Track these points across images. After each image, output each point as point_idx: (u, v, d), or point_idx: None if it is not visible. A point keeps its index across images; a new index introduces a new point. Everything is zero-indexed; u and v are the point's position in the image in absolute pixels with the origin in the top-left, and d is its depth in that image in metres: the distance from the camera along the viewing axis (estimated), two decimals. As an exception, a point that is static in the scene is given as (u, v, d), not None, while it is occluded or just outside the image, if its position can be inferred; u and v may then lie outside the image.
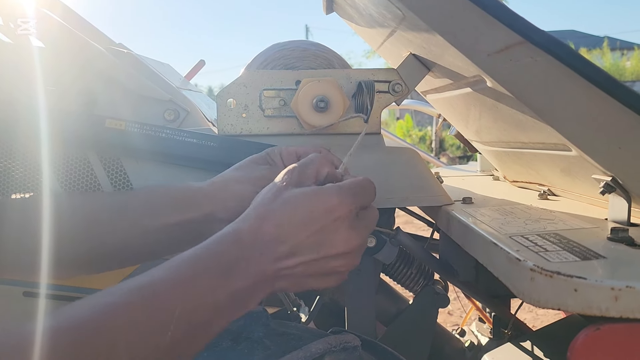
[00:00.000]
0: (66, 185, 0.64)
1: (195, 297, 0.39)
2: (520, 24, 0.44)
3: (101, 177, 0.64)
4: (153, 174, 0.64)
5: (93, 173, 0.64)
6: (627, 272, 0.41)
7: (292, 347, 0.52)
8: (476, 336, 0.96)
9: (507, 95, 0.55)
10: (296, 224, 0.43)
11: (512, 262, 0.45)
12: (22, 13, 0.65)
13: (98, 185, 0.64)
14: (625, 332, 0.40)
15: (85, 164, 0.64)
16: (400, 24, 0.62)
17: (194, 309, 0.39)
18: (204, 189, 0.57)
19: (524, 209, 0.65)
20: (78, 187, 0.64)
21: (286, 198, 0.44)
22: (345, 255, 0.45)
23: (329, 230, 0.44)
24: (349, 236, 0.44)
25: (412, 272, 0.79)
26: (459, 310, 2.02)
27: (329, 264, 0.45)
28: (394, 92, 0.67)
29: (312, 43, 0.74)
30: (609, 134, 0.49)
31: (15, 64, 0.64)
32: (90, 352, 0.34)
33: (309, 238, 0.43)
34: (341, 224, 0.44)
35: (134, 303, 0.37)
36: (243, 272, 0.41)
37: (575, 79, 0.43)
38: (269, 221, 0.43)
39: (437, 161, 1.74)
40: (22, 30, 0.65)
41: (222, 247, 0.42)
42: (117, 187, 0.64)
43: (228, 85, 0.67)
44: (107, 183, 0.64)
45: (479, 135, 0.83)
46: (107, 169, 0.64)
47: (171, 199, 0.56)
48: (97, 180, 0.64)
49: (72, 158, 0.64)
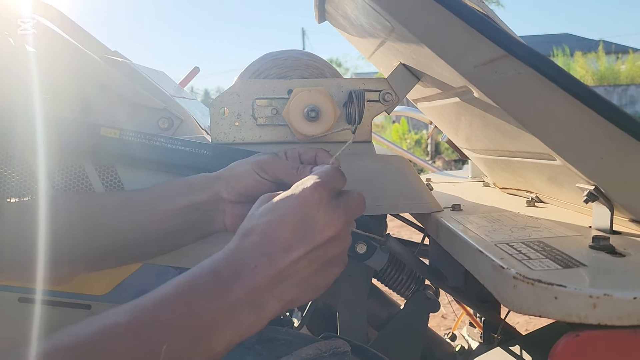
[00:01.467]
0: (61, 191, 0.65)
1: (194, 314, 0.40)
2: (504, 38, 0.45)
3: (96, 184, 0.65)
4: (147, 182, 0.65)
5: (88, 180, 0.65)
6: (606, 280, 0.42)
7: (282, 353, 0.53)
8: (467, 340, 0.97)
9: (494, 105, 0.57)
10: (276, 224, 0.45)
11: (497, 269, 0.46)
12: (17, 19, 0.66)
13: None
14: (604, 338, 0.41)
15: (80, 171, 0.65)
16: (389, 35, 0.63)
17: (193, 325, 0.40)
18: (216, 173, 0.61)
19: (511, 217, 0.66)
20: (73, 195, 0.65)
21: (265, 206, 0.47)
22: (336, 238, 0.46)
23: (309, 218, 0.45)
24: (331, 217, 0.46)
25: (403, 278, 0.80)
26: (453, 314, 2.03)
27: (325, 252, 0.46)
28: (384, 101, 0.69)
29: (304, 53, 0.75)
30: (591, 145, 0.50)
31: (9, 69, 0.65)
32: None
33: (294, 233, 0.44)
34: (318, 210, 0.45)
35: (135, 322, 0.38)
36: (239, 287, 0.42)
37: (557, 92, 0.45)
38: (253, 233, 0.45)
39: (431, 166, 1.75)
40: (21, 31, 0.66)
41: (215, 265, 0.43)
42: (111, 194, 0.65)
43: (221, 94, 0.68)
44: (101, 190, 0.65)
45: (469, 143, 0.84)
46: (102, 176, 0.65)
47: (188, 184, 0.60)
48: (92, 188, 0.65)
49: (67, 165, 0.65)
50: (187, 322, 0.40)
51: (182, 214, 0.58)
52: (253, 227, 0.45)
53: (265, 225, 0.45)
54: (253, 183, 0.58)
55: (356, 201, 0.50)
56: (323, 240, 0.45)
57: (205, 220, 0.60)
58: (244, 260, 0.43)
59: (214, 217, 0.60)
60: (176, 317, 0.39)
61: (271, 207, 0.46)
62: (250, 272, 0.43)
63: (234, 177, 0.59)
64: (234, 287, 0.42)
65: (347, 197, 0.49)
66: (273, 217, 0.45)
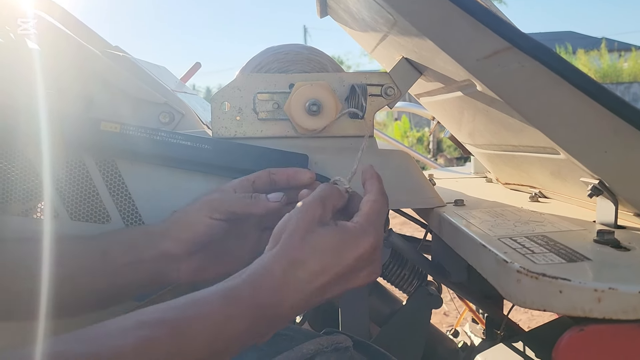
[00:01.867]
0: (62, 187, 0.65)
1: (224, 331, 0.40)
2: (507, 29, 0.45)
3: (96, 179, 0.65)
4: (148, 177, 0.65)
5: (89, 175, 0.65)
6: (611, 274, 0.41)
7: (283, 348, 0.52)
8: (469, 337, 0.96)
9: (497, 99, 0.56)
10: (324, 269, 0.45)
11: (500, 264, 0.46)
12: (20, 15, 0.66)
13: (94, 187, 0.65)
14: (609, 333, 0.41)
15: (80, 166, 0.65)
16: (392, 28, 0.62)
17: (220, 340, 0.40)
18: (160, 227, 0.58)
19: (515, 211, 0.66)
20: (74, 189, 0.65)
21: (315, 244, 0.45)
22: (363, 259, 0.47)
23: (355, 269, 0.46)
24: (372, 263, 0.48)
25: (405, 273, 0.80)
26: (455, 311, 2.03)
27: (352, 274, 0.47)
28: (386, 95, 0.68)
29: (306, 47, 0.75)
30: (595, 138, 0.50)
31: (13, 66, 0.65)
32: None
33: (335, 277, 0.45)
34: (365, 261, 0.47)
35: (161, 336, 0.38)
36: (266, 325, 0.43)
37: (561, 84, 0.44)
38: (302, 268, 0.44)
39: (432, 163, 1.75)
40: (21, 30, 0.65)
41: (256, 286, 0.43)
42: (112, 189, 0.65)
43: (222, 89, 0.67)
44: (102, 185, 0.65)
45: (472, 138, 0.84)
46: (102, 171, 0.65)
47: (130, 241, 0.57)
48: (92, 183, 0.65)
49: (68, 160, 0.65)
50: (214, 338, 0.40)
51: (125, 272, 0.55)
52: (300, 260, 0.44)
53: (314, 267, 0.44)
54: (205, 229, 0.56)
55: (375, 209, 0.49)
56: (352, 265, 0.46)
57: (156, 278, 0.57)
58: (284, 294, 0.43)
59: (165, 273, 0.57)
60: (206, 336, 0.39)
61: (323, 247, 0.45)
62: (287, 310, 0.44)
63: (183, 228, 0.56)
64: (264, 320, 0.43)
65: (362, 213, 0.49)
66: (324, 262, 0.45)
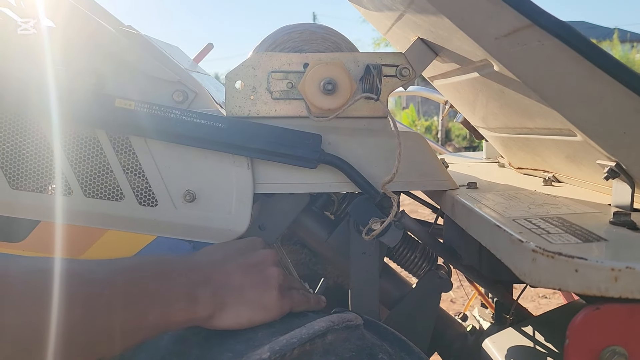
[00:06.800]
0: (76, 163, 0.65)
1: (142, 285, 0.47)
2: (528, 6, 0.44)
3: (110, 156, 0.65)
4: (162, 154, 0.65)
5: (102, 152, 0.65)
6: (628, 253, 0.41)
7: (295, 325, 0.53)
8: (478, 321, 0.97)
9: (514, 80, 0.55)
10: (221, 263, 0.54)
11: (515, 243, 0.45)
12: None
13: (107, 164, 0.65)
14: (624, 311, 0.41)
15: (94, 142, 0.65)
16: (408, 7, 0.62)
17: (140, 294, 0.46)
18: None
19: (528, 194, 0.65)
20: (87, 166, 0.65)
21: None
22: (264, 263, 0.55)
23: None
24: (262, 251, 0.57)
25: (415, 257, 0.80)
26: (462, 298, 2.03)
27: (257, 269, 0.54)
28: (401, 76, 0.67)
29: (320, 26, 0.74)
30: (614, 118, 0.49)
31: (26, 42, 0.65)
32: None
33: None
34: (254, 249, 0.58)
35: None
36: (177, 276, 0.50)
37: (582, 63, 0.44)
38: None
39: (443, 149, 1.74)
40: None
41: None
42: (125, 166, 0.65)
43: (236, 67, 0.67)
44: (116, 162, 0.65)
45: (486, 122, 0.83)
46: (116, 148, 0.65)
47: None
48: (106, 160, 0.65)
49: (81, 137, 0.65)
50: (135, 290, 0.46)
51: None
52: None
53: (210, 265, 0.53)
54: None
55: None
56: (254, 261, 0.54)
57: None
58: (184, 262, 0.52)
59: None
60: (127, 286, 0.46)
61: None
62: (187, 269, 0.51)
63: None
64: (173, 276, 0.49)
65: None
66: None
